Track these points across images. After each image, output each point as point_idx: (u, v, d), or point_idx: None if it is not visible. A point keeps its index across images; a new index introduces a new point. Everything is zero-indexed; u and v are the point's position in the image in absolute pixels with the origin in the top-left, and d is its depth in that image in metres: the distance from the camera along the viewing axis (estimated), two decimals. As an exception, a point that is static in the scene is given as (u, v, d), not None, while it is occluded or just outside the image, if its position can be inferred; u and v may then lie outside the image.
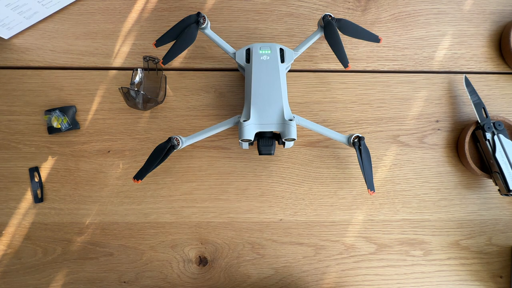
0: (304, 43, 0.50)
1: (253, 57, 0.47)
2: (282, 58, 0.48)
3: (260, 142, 0.45)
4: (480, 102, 0.53)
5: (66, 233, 0.52)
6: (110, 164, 0.53)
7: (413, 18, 0.58)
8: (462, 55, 0.57)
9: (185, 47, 0.47)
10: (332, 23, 0.47)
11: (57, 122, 0.53)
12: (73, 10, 0.56)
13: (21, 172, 0.53)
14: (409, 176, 0.54)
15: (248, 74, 0.47)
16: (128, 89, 0.50)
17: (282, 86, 0.46)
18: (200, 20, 0.47)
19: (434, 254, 0.53)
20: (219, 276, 0.52)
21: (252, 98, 0.45)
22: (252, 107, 0.45)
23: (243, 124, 0.44)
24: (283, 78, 0.47)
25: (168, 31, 0.47)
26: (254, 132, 0.44)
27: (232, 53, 0.49)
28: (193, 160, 0.54)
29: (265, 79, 0.46)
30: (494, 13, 0.58)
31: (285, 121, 0.44)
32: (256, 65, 0.47)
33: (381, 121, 0.55)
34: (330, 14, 0.48)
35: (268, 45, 0.48)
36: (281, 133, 0.44)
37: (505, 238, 0.54)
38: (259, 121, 0.44)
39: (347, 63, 0.47)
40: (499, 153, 0.51)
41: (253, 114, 0.44)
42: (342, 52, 0.47)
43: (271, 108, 0.45)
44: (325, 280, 0.52)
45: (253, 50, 0.47)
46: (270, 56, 0.47)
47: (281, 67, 0.47)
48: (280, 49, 0.48)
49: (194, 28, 0.47)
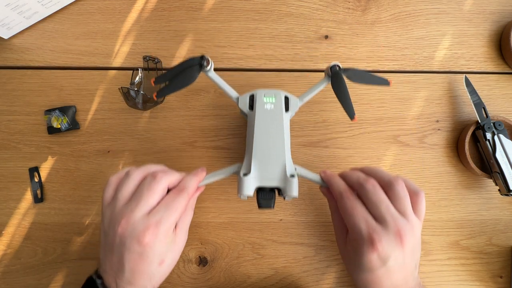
0: (310, 91, 0.47)
1: (256, 105, 0.45)
2: (286, 106, 0.46)
3: (259, 195, 0.42)
4: (480, 102, 0.53)
5: (66, 233, 0.52)
6: (110, 164, 0.53)
7: (413, 18, 0.58)
8: (462, 55, 0.57)
9: (182, 87, 0.45)
10: (340, 73, 0.45)
11: (57, 122, 0.53)
12: (73, 10, 0.56)
13: (21, 172, 0.53)
14: (409, 176, 0.54)
15: (251, 123, 0.45)
16: (128, 89, 0.50)
17: (285, 139, 0.44)
18: (204, 63, 0.45)
19: (434, 254, 0.53)
20: (219, 276, 0.52)
21: (254, 150, 0.43)
22: (253, 161, 0.43)
23: (243, 179, 0.42)
24: (286, 130, 0.45)
25: (169, 70, 0.45)
26: (254, 187, 0.42)
27: (235, 98, 0.47)
28: (193, 160, 0.54)
29: (268, 130, 0.44)
30: (494, 13, 0.58)
31: (286, 178, 0.42)
32: (259, 114, 0.44)
33: (381, 121, 0.55)
34: (339, 65, 0.45)
35: (273, 92, 0.45)
36: (281, 189, 0.42)
37: (505, 238, 0.54)
38: (260, 175, 0.42)
39: (353, 114, 0.44)
40: (499, 153, 0.51)
41: (253, 168, 0.42)
42: (349, 104, 0.44)
43: (273, 163, 0.43)
44: (325, 280, 0.52)
45: (257, 98, 0.45)
46: (275, 105, 0.45)
47: (285, 117, 0.45)
48: (285, 97, 0.46)
49: (196, 70, 0.45)
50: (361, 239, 0.38)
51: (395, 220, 0.38)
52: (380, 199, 0.39)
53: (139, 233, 0.37)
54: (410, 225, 0.38)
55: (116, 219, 0.38)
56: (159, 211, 0.38)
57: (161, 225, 0.38)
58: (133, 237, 0.37)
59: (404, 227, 0.37)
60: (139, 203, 0.38)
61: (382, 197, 0.39)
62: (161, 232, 0.38)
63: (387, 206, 0.39)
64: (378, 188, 0.40)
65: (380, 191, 0.40)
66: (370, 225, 0.38)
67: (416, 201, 0.40)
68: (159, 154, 0.54)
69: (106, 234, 0.39)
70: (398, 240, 0.37)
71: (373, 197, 0.40)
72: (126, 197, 0.40)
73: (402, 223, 0.38)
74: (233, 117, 0.55)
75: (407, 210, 0.39)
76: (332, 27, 0.57)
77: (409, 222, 0.38)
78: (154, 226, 0.37)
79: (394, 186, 0.40)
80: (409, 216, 0.39)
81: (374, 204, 0.39)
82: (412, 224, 0.38)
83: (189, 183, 0.42)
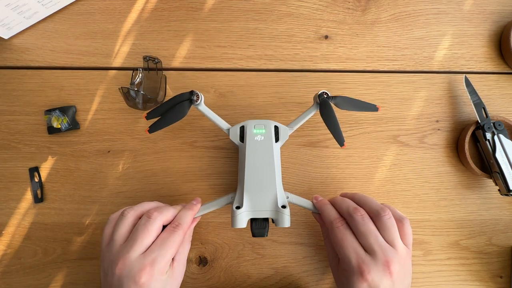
0: (299, 119, 0.48)
1: (247, 138, 0.46)
2: (276, 136, 0.47)
3: (253, 225, 0.44)
4: (480, 102, 0.53)
5: (66, 233, 0.52)
6: (110, 164, 0.53)
7: (413, 18, 0.58)
8: (462, 55, 0.57)
9: (173, 121, 0.47)
10: (328, 101, 0.46)
11: (57, 122, 0.53)
12: (73, 10, 0.56)
13: (21, 172, 0.53)
14: (409, 176, 0.54)
15: (242, 155, 0.46)
16: (128, 89, 0.50)
17: (276, 170, 0.45)
18: (193, 98, 0.46)
19: (434, 254, 0.53)
20: (219, 276, 0.52)
21: (246, 184, 0.44)
22: (245, 194, 0.44)
23: (236, 213, 0.43)
24: (277, 160, 0.46)
25: (161, 105, 0.47)
26: (247, 219, 0.43)
27: (226, 130, 0.48)
28: (193, 160, 0.54)
29: (259, 162, 0.45)
30: (494, 13, 0.58)
31: (278, 209, 0.43)
32: (250, 146, 0.45)
33: (381, 121, 0.55)
34: (327, 92, 0.47)
35: (263, 123, 0.46)
36: (274, 220, 0.44)
37: (505, 238, 0.54)
38: (252, 208, 0.43)
39: (343, 141, 0.45)
40: (499, 153, 0.51)
41: (246, 202, 0.43)
42: (338, 131, 0.46)
43: (265, 195, 0.44)
44: (325, 280, 0.52)
45: (247, 129, 0.46)
46: (265, 136, 0.46)
47: (276, 147, 0.46)
48: (275, 127, 0.47)
49: (186, 105, 0.46)
50: (351, 269, 0.40)
51: (384, 251, 0.39)
52: (369, 230, 0.41)
53: (135, 273, 0.38)
54: (398, 255, 0.40)
55: (113, 260, 0.39)
56: (154, 250, 0.40)
57: (156, 264, 0.39)
58: (129, 278, 0.38)
59: (392, 258, 0.39)
60: (135, 244, 0.39)
61: (371, 228, 0.41)
62: (156, 271, 0.39)
63: (376, 236, 0.40)
64: (367, 219, 0.42)
65: (369, 221, 0.42)
66: (360, 255, 0.40)
67: (403, 229, 0.42)
68: (159, 154, 0.54)
69: (106, 274, 0.40)
70: (386, 270, 0.39)
71: (362, 228, 0.41)
72: (122, 238, 0.41)
73: (391, 253, 0.39)
74: (233, 117, 0.55)
75: (395, 240, 0.41)
76: (332, 27, 0.57)
77: (398, 252, 0.40)
78: (149, 266, 0.38)
79: (382, 217, 0.41)
80: (397, 245, 0.40)
81: (363, 234, 0.41)
82: (400, 253, 0.40)
83: (183, 218, 0.44)
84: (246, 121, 0.47)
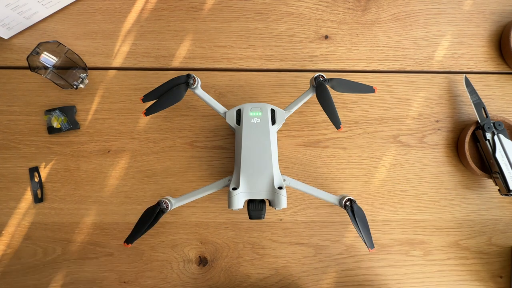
0: (296, 102, 0.48)
1: (243, 120, 0.46)
2: (273, 119, 0.47)
3: (250, 207, 0.44)
4: (480, 102, 0.53)
5: (66, 233, 0.52)
6: (110, 164, 0.53)
7: (413, 18, 0.58)
8: (462, 55, 0.57)
9: (170, 104, 0.46)
10: (324, 84, 0.46)
11: (57, 122, 0.53)
12: (73, 10, 0.56)
13: (21, 172, 0.53)
14: (409, 176, 0.54)
15: (238, 137, 0.46)
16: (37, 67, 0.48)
17: (272, 152, 0.45)
18: (190, 81, 0.46)
19: (434, 254, 0.53)
20: (219, 276, 0.52)
21: (242, 165, 0.44)
22: (241, 175, 0.44)
23: (232, 193, 0.43)
24: (274, 142, 0.46)
25: (157, 88, 0.46)
26: (244, 200, 0.43)
27: (223, 113, 0.48)
28: (193, 160, 0.54)
29: (255, 144, 0.45)
30: (494, 13, 0.58)
31: (275, 190, 0.43)
32: (246, 128, 0.45)
33: (381, 121, 0.55)
34: (322, 75, 0.47)
35: (259, 106, 0.46)
36: (271, 201, 0.43)
37: (505, 238, 0.54)
38: (249, 189, 0.44)
39: (339, 124, 0.45)
40: (499, 153, 0.51)
41: (242, 183, 0.44)
42: (334, 113, 0.45)
43: (261, 176, 0.44)
44: (325, 280, 0.52)
45: (244, 112, 0.46)
46: (261, 119, 0.46)
47: (272, 130, 0.46)
48: (272, 110, 0.47)
49: (183, 89, 0.46)
50: None
51: None
52: None
53: None
54: None
55: None
56: None
57: None
58: None
59: None
60: None
61: None
62: None
63: None
64: None
65: None
66: None
67: None
68: (159, 154, 0.54)
69: None
70: None
71: None
72: None
73: None
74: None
75: None
76: (332, 27, 0.57)
77: None
78: None
79: None
80: None
81: None
82: None
83: None
84: (243, 104, 0.47)
